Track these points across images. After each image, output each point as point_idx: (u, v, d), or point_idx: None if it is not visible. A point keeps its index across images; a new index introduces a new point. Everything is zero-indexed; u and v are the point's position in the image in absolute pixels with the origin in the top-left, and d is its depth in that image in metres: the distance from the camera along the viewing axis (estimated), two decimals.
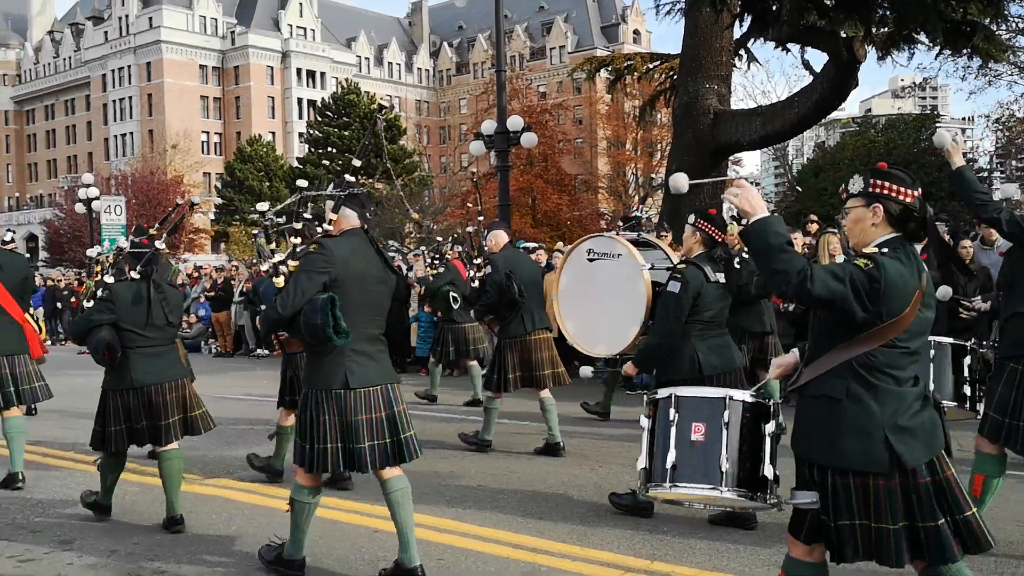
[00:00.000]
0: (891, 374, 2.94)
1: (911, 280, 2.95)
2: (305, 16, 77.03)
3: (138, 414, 5.30)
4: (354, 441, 4.15)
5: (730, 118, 14.39)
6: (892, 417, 2.91)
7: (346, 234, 4.37)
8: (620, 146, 53.16)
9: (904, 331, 2.94)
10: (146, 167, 54.65)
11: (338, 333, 4.02)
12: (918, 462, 2.90)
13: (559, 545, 4.83)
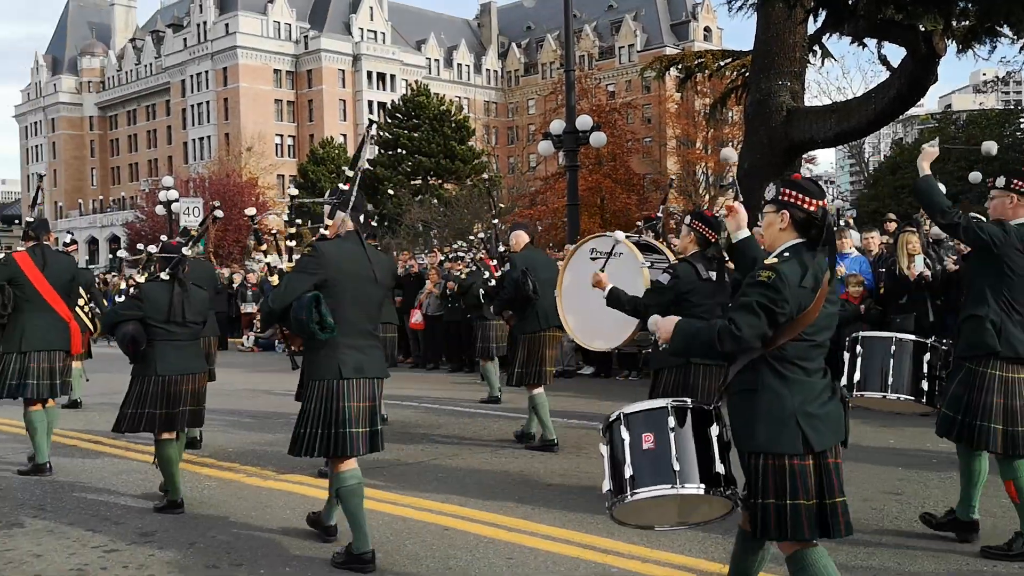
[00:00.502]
0: (800, 365, 3.25)
1: (810, 280, 3.23)
2: (376, 19, 78.10)
3: (155, 401, 5.78)
4: (341, 426, 4.52)
5: (804, 115, 14.13)
6: (802, 405, 3.20)
7: (340, 237, 4.73)
8: (690, 145, 52.59)
9: (810, 325, 3.24)
10: (222, 170, 56.00)
11: (323, 329, 4.41)
12: (825, 446, 3.21)
13: (629, 546, 4.80)
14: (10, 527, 5.47)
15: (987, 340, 4.55)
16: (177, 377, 5.82)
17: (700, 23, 77.19)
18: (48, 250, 7.16)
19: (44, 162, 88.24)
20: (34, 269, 6.90)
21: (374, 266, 4.70)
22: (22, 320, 6.86)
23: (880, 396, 5.04)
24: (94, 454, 7.73)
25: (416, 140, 52.98)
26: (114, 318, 5.91)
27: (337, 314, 4.46)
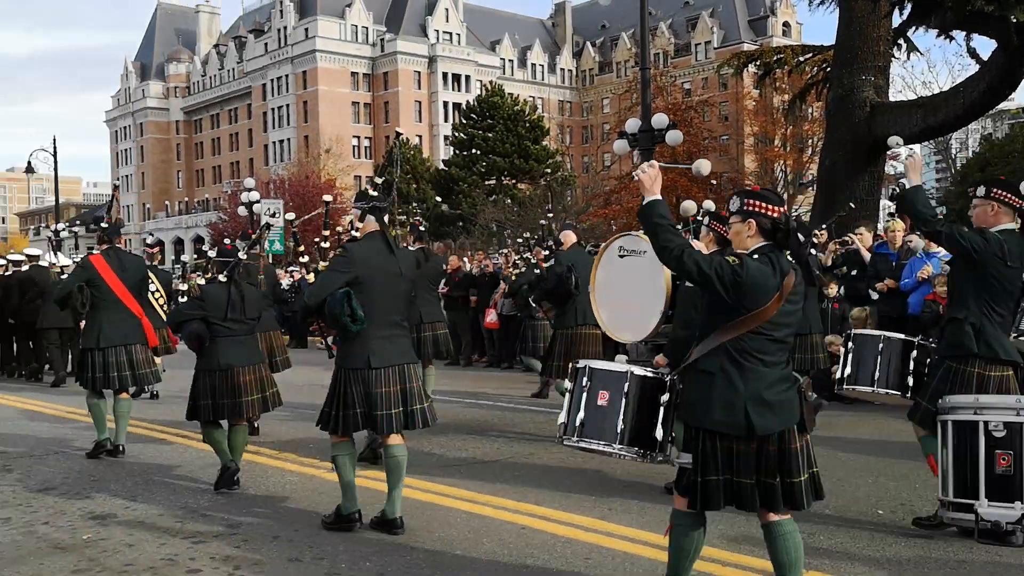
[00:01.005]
0: (758, 357, 3.55)
1: (772, 280, 3.53)
2: (451, 21, 78.74)
3: (221, 391, 6.35)
4: (374, 408, 5.07)
5: (888, 111, 13.79)
6: (755, 393, 3.50)
7: (367, 237, 5.25)
8: (768, 142, 51.66)
9: (768, 322, 3.53)
10: (301, 171, 57.14)
11: (354, 321, 4.95)
12: (769, 431, 3.50)
13: (708, 549, 4.73)
14: (104, 517, 5.69)
15: (965, 342, 4.83)
16: (238, 369, 6.38)
17: (779, 18, 75.76)
18: (121, 252, 7.82)
19: (133, 165, 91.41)
20: (109, 270, 7.50)
21: (399, 261, 5.22)
22: (99, 318, 7.47)
23: (869, 390, 5.48)
24: (182, 447, 7.99)
25: (490, 140, 53.21)
26: (179, 317, 6.54)
27: (367, 308, 4.99)
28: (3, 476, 6.99)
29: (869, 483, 6.19)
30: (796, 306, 3.63)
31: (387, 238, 5.25)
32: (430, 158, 64.67)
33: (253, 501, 6.04)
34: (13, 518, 5.71)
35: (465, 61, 78.22)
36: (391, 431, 5.13)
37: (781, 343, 3.60)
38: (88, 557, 4.89)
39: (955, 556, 4.59)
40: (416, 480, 6.50)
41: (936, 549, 4.71)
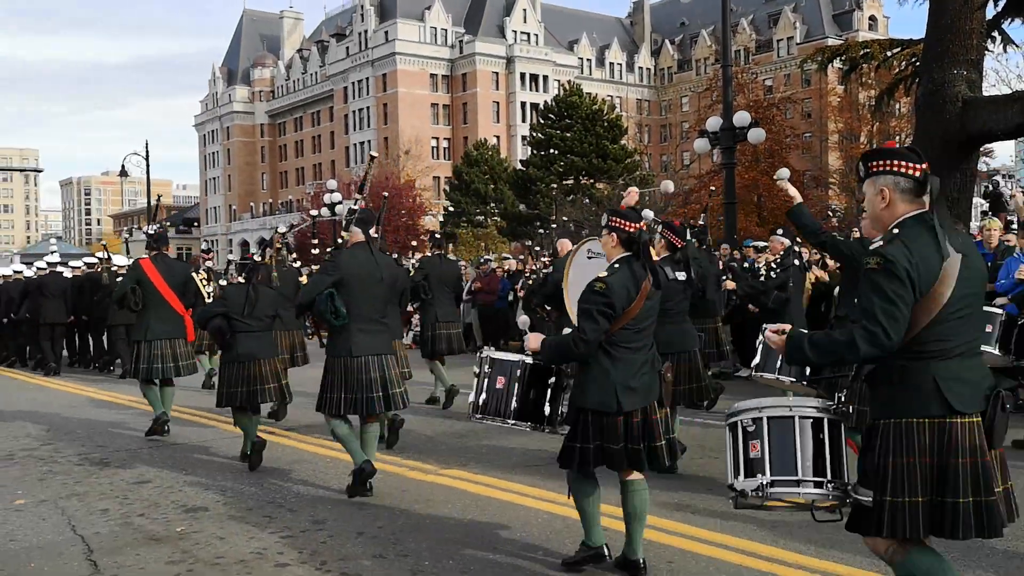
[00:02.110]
0: (625, 347, 4.39)
1: (632, 287, 4.35)
2: (529, 21, 78.88)
3: (240, 379, 7.20)
4: (356, 392, 5.97)
5: (982, 106, 13.27)
6: (623, 378, 4.33)
7: (354, 246, 6.15)
8: (853, 139, 50.32)
9: (633, 319, 4.35)
10: (381, 172, 57.97)
11: (336, 317, 5.87)
12: (635, 407, 4.33)
13: (794, 555, 4.66)
14: (196, 511, 5.88)
15: None
16: (255, 360, 7.26)
17: (865, 12, 73.76)
18: (167, 258, 8.92)
19: (219, 168, 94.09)
20: (156, 273, 8.57)
21: (380, 267, 6.15)
22: (147, 315, 8.57)
23: (773, 378, 5.93)
24: (271, 444, 8.19)
25: (568, 140, 53.07)
26: (205, 315, 7.52)
27: (349, 306, 5.92)
28: (101, 469, 7.28)
29: None
30: (654, 301, 4.47)
31: (371, 247, 6.15)
32: (508, 158, 64.89)
33: (338, 497, 6.16)
34: (111, 510, 5.95)
35: (543, 61, 78.26)
36: (372, 412, 6.13)
37: (644, 331, 4.42)
38: (182, 549, 5.05)
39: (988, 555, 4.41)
40: (496, 479, 6.54)
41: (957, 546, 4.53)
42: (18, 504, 6.15)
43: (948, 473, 2.95)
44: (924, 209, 3.12)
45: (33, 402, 11.39)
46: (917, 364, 3.00)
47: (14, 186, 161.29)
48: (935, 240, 3.02)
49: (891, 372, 3.06)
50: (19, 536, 5.39)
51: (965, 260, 3.04)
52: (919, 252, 2.99)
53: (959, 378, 3.00)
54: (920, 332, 2.99)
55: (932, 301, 2.98)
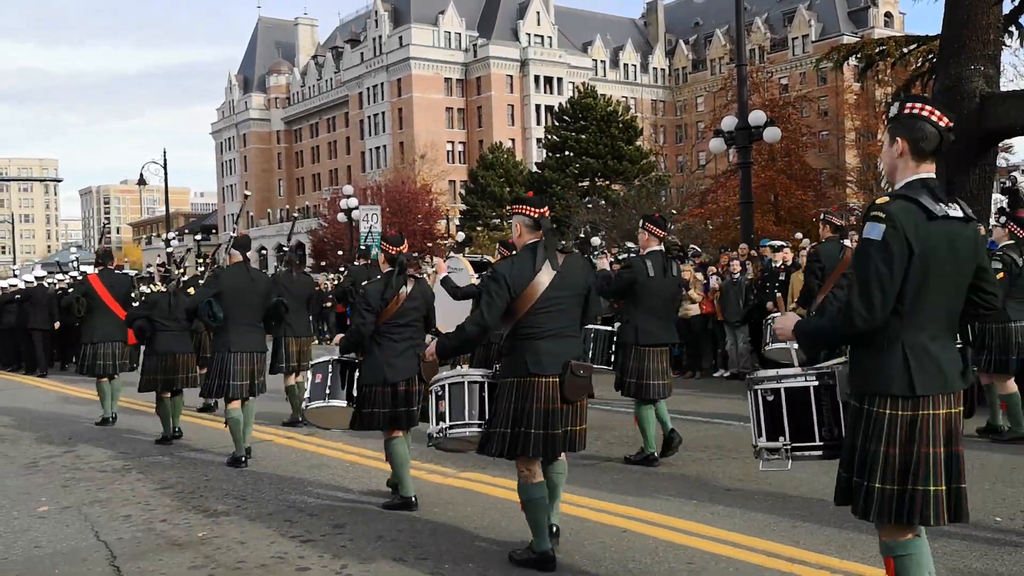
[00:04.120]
0: (390, 336, 5.87)
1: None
2: (543, 24, 78.91)
3: (158, 370, 8.79)
4: (230, 379, 7.46)
5: (1000, 101, 13.15)
6: (384, 358, 5.87)
7: (234, 265, 7.72)
8: (870, 137, 49.96)
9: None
10: (397, 177, 58.16)
11: (213, 320, 7.40)
12: (397, 380, 5.92)
13: (816, 556, 4.64)
14: (217, 516, 5.91)
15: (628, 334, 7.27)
16: (172, 355, 8.78)
17: (880, 9, 73.32)
18: (112, 272, 10.57)
19: (236, 175, 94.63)
20: (101, 285, 10.22)
21: (254, 282, 7.72)
22: (93, 320, 10.18)
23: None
24: (288, 448, 8.24)
25: (583, 142, 53.06)
26: (131, 316, 9.14)
27: (228, 312, 7.42)
28: (124, 475, 7.34)
29: (985, 489, 5.94)
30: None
31: (247, 265, 7.74)
32: (523, 161, 64.92)
33: (358, 501, 6.19)
34: (133, 515, 5.99)
35: (557, 63, 78.27)
36: (237, 397, 7.52)
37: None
38: (203, 554, 5.08)
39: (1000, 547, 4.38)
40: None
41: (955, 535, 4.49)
42: (42, 511, 6.21)
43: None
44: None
45: (45, 405, 11.51)
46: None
47: (34, 196, 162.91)
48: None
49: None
50: (43, 543, 5.44)
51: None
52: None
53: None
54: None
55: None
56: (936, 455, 3.05)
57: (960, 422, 3.15)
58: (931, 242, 3.04)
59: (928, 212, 3.05)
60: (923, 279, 3.05)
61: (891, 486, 3.05)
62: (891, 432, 3.05)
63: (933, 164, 3.18)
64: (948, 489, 3.07)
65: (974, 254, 3.16)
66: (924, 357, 3.06)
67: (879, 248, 3.02)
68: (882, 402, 3.07)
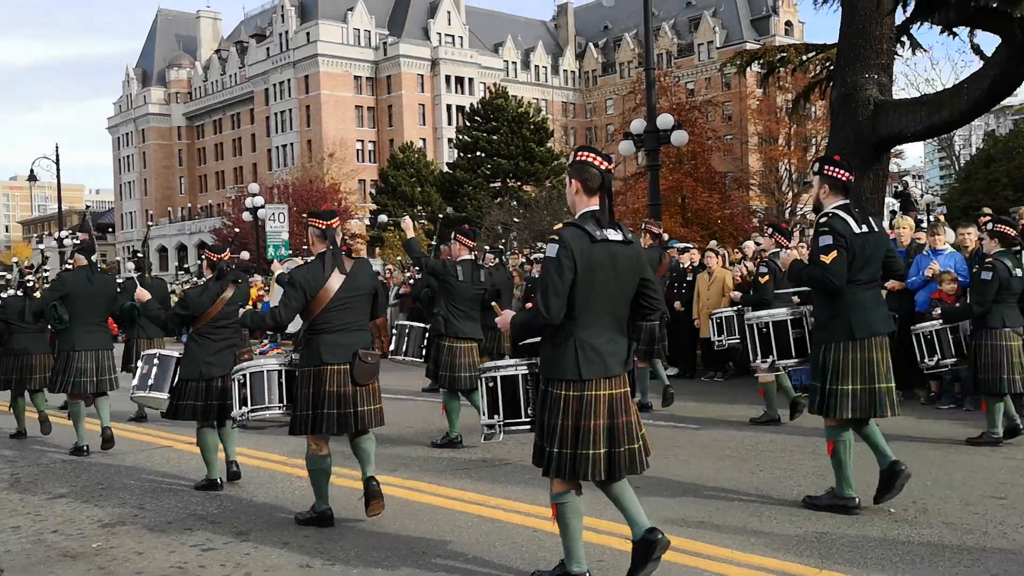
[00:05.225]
0: (209, 336, 6.49)
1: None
2: (453, 24, 78.78)
3: (13, 369, 9.32)
4: (73, 376, 8.03)
5: (892, 109, 13.69)
6: (201, 356, 6.44)
7: (77, 268, 8.19)
8: (772, 142, 51.57)
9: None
10: (305, 176, 57.16)
11: (59, 322, 7.96)
12: (213, 376, 6.46)
13: (722, 550, 4.73)
14: (113, 525, 5.68)
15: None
16: (28, 355, 9.26)
17: (781, 17, 75.66)
18: None
19: (135, 171, 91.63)
20: None
21: (96, 284, 8.14)
22: None
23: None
24: (188, 455, 7.97)
25: (495, 143, 53.19)
26: None
27: (72, 313, 7.95)
28: (13, 485, 6.99)
29: None
30: (234, 307, 6.41)
31: (92, 269, 8.22)
32: (434, 161, 64.70)
33: (262, 508, 6.03)
34: (22, 527, 5.71)
35: (468, 64, 78.26)
36: (82, 392, 8.02)
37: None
38: (98, 565, 4.87)
39: (969, 554, 4.57)
40: (426, 484, 6.49)
41: (948, 548, 4.68)
42: None
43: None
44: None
45: None
46: None
47: None
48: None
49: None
50: None
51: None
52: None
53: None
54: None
55: None
56: (597, 426, 3.92)
57: (625, 400, 4.02)
58: (594, 260, 3.87)
59: (591, 236, 3.87)
60: (589, 290, 3.88)
61: (565, 450, 3.94)
62: (565, 408, 3.93)
63: (597, 197, 3.99)
64: (609, 452, 3.96)
65: (637, 269, 4.02)
66: (590, 350, 3.91)
67: (554, 264, 3.85)
68: (558, 385, 3.95)
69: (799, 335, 6.14)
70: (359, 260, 5.58)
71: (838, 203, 5.28)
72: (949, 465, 6.63)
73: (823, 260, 5.11)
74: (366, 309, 5.57)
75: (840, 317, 5.20)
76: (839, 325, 5.20)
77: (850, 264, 5.13)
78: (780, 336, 6.30)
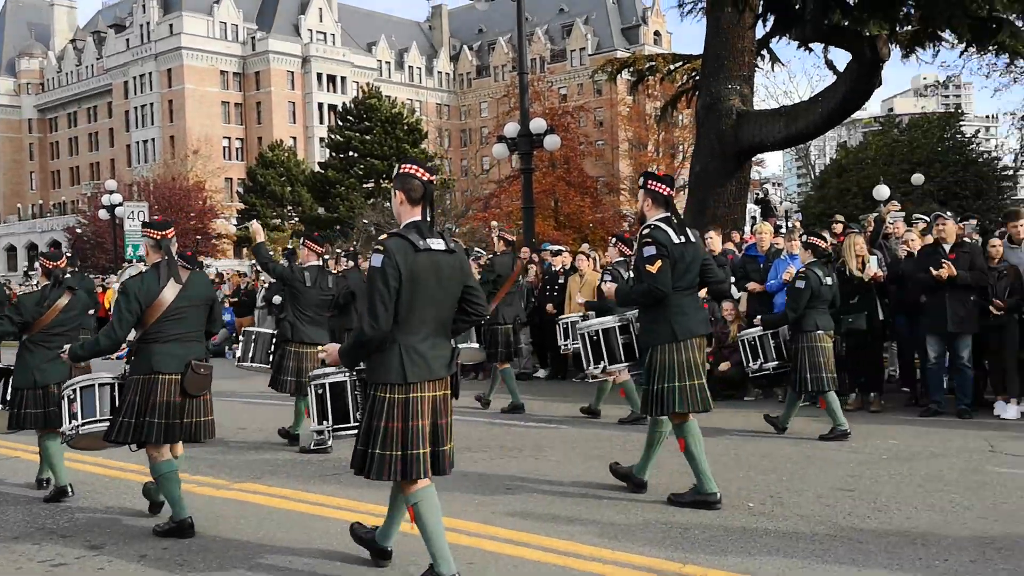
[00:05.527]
0: (42, 344, 6.32)
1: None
2: (325, 21, 77.44)
3: None
4: None
5: (753, 119, 14.28)
6: (36, 363, 6.35)
7: None
8: (642, 148, 52.98)
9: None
10: (167, 173, 55.03)
11: None
12: (49, 381, 6.36)
13: (590, 548, 4.80)
14: None
15: None
16: None
17: (650, 27, 77.92)
18: None
19: None
20: None
21: None
22: None
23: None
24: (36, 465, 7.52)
25: (368, 143, 52.58)
26: None
27: None
28: None
29: (740, 476, 6.40)
30: (71, 313, 6.40)
31: None
32: (305, 160, 63.41)
33: (117, 520, 5.74)
34: None
35: (340, 62, 77.07)
36: None
37: (60, 336, 6.17)
38: None
39: (820, 543, 4.79)
40: (293, 491, 6.33)
41: (802, 538, 4.90)
42: None
43: None
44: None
45: None
46: None
47: None
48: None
49: None
50: None
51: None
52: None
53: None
54: None
55: None
56: (423, 426, 4.05)
57: (446, 402, 4.17)
58: (418, 268, 3.98)
59: (415, 246, 3.99)
60: (413, 297, 4.00)
61: (395, 452, 4.02)
62: (391, 410, 4.02)
63: (420, 208, 4.16)
64: (433, 451, 4.11)
65: (461, 276, 4.18)
66: (415, 354, 4.03)
67: (379, 273, 3.94)
68: (383, 388, 4.04)
69: (627, 340, 6.47)
70: (194, 273, 5.57)
71: (660, 215, 5.61)
72: (803, 460, 6.95)
73: (649, 269, 5.45)
74: (201, 320, 5.54)
75: (664, 321, 5.53)
76: (663, 329, 5.54)
77: (672, 272, 5.47)
78: (609, 343, 6.61)
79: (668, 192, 5.70)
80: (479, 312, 4.33)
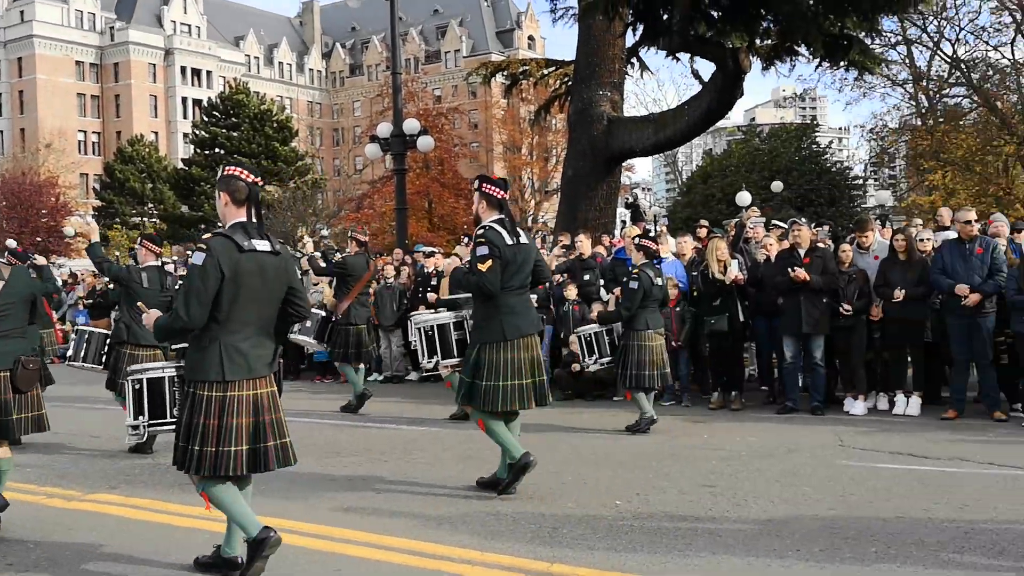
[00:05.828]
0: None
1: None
2: (190, 13, 74.72)
3: None
4: None
5: (624, 125, 14.62)
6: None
7: None
8: (516, 151, 53.49)
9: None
10: (17, 167, 51.82)
11: None
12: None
13: (459, 550, 4.78)
14: None
15: None
16: None
17: (524, 31, 78.66)
18: None
19: None
20: None
21: None
22: None
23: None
24: None
25: (235, 140, 51.02)
26: None
27: None
28: None
29: (609, 475, 6.52)
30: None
31: None
32: (167, 156, 61.03)
33: None
34: None
35: (206, 56, 74.49)
36: None
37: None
38: None
39: (683, 538, 4.93)
40: (151, 501, 6.07)
41: (666, 533, 5.03)
42: None
43: None
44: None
45: None
46: None
47: None
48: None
49: None
50: None
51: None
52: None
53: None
54: None
55: None
56: (240, 424, 4.15)
57: (270, 399, 4.27)
58: (241, 268, 4.10)
59: (239, 246, 4.10)
60: (236, 296, 4.10)
61: (210, 448, 4.11)
62: (208, 408, 4.13)
63: (245, 209, 4.26)
64: (253, 448, 4.19)
65: (285, 278, 4.31)
66: (235, 353, 4.14)
67: (199, 271, 4.05)
68: (202, 386, 4.14)
69: (460, 336, 6.67)
70: (16, 268, 5.64)
71: (494, 217, 5.85)
72: (668, 458, 7.14)
73: (480, 268, 5.64)
74: (24, 316, 5.62)
75: (494, 320, 5.76)
76: (494, 327, 5.77)
77: (503, 272, 5.67)
78: (444, 338, 6.77)
79: (502, 195, 5.90)
80: (302, 314, 4.48)
